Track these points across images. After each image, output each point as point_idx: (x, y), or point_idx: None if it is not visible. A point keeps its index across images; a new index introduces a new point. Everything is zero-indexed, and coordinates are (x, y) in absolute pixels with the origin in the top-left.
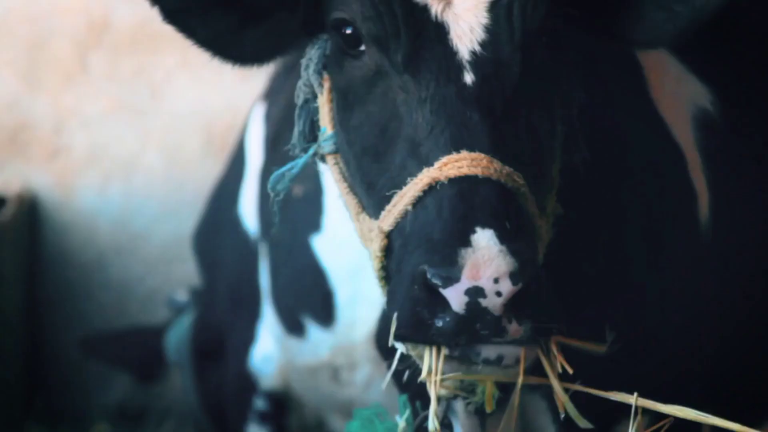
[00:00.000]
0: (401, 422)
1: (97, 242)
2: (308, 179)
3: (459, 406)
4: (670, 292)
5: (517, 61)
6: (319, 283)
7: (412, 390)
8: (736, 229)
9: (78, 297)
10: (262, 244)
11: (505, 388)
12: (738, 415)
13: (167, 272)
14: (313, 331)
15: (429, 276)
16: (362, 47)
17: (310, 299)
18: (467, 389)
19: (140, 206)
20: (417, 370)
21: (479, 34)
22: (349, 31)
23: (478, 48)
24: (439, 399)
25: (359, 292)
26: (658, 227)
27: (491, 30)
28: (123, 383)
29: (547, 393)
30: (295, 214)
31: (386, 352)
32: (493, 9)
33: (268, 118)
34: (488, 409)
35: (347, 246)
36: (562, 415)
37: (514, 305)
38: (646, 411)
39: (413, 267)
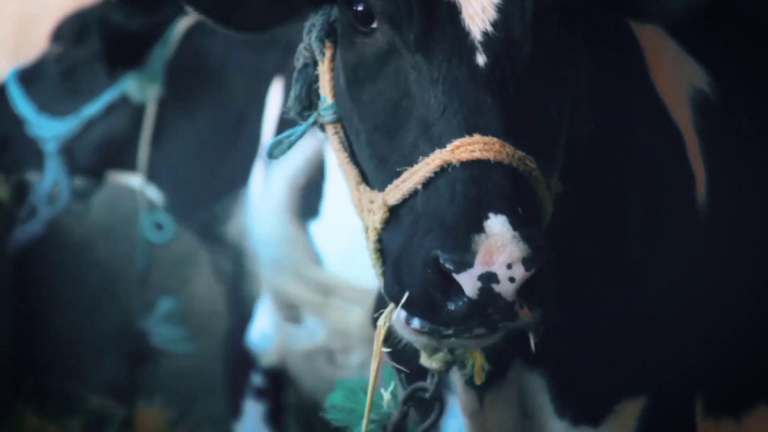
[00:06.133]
0: (386, 394)
1: (85, 223)
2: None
3: (457, 380)
4: (668, 272)
5: (528, 41)
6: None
7: (405, 364)
8: (732, 210)
9: (67, 278)
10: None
11: (496, 362)
12: (731, 396)
13: (156, 254)
14: (309, 316)
15: (442, 261)
16: (374, 25)
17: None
18: (457, 363)
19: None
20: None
21: (491, 14)
22: (361, 8)
23: (490, 28)
24: (431, 373)
25: (352, 277)
26: (657, 208)
27: (503, 9)
28: (112, 363)
29: (546, 372)
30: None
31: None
32: None
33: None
34: (477, 382)
35: (341, 232)
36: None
37: (525, 291)
38: (643, 391)
39: (426, 251)
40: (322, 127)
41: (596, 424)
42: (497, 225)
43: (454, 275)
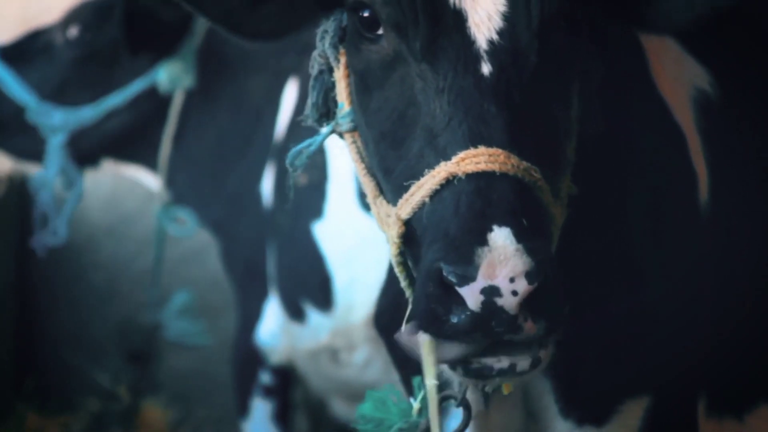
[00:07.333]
0: (416, 404)
1: (87, 223)
2: (314, 168)
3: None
4: (671, 271)
5: (534, 49)
6: (317, 268)
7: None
8: (734, 211)
9: (68, 278)
10: (269, 232)
11: None
12: (733, 395)
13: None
14: (313, 316)
15: (445, 273)
16: (380, 31)
17: (309, 285)
18: None
19: (130, 187)
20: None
21: (497, 23)
22: (366, 14)
23: (495, 37)
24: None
25: (356, 277)
26: (660, 208)
27: (509, 18)
28: (114, 363)
29: (550, 373)
30: (298, 201)
31: (385, 332)
32: None
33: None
34: (505, 392)
35: (345, 232)
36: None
37: (529, 303)
38: (647, 391)
39: (429, 263)
40: (341, 136)
41: (600, 424)
42: (501, 237)
43: (457, 288)
